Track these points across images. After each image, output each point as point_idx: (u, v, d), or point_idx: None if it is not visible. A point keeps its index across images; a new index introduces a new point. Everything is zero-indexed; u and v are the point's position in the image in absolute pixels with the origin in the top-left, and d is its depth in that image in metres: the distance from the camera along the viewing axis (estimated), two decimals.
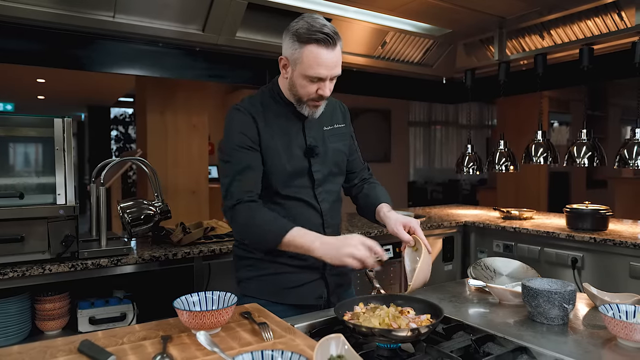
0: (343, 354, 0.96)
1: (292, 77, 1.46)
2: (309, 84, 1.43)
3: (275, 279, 1.53)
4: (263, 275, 1.54)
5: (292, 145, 1.51)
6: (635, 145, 2.64)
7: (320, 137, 1.57)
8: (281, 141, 1.50)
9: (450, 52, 3.62)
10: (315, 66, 1.39)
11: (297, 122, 1.54)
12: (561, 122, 8.12)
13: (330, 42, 1.39)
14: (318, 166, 1.54)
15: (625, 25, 2.66)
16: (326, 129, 1.59)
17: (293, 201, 1.51)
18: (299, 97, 1.47)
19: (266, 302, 1.47)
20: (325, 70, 1.40)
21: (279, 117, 1.52)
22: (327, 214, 1.57)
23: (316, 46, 1.38)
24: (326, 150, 1.57)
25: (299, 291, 1.54)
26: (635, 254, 2.40)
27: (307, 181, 1.53)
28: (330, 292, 1.59)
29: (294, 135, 1.52)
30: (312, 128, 1.56)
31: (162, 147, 4.94)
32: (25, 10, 2.24)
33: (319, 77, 1.41)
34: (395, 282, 2.88)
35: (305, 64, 1.40)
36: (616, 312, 1.24)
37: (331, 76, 1.44)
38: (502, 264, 1.85)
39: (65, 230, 1.88)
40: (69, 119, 1.89)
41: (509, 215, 3.31)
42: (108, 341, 1.12)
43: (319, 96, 1.45)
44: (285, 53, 1.46)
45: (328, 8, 2.79)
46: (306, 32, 1.40)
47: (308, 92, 1.44)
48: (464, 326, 1.32)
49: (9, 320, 1.84)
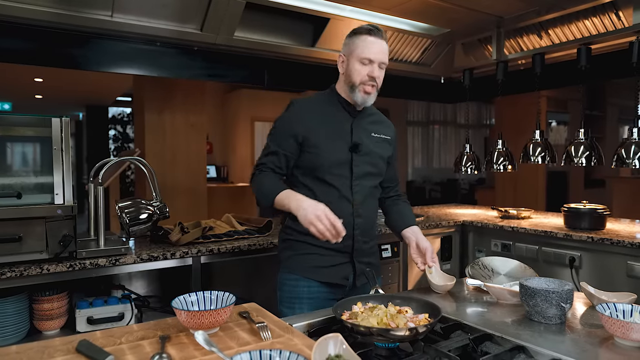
0: (341, 354, 0.96)
1: (348, 68, 1.70)
2: (361, 67, 1.66)
3: (310, 258, 1.72)
4: (299, 255, 1.74)
5: (339, 140, 1.72)
6: (632, 144, 2.64)
7: (366, 139, 1.77)
8: (330, 134, 1.71)
9: (448, 51, 3.62)
10: (366, 50, 1.65)
11: (347, 122, 1.75)
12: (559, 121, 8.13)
13: (377, 32, 1.67)
14: (358, 162, 1.73)
15: (623, 25, 2.66)
16: (373, 135, 1.80)
17: (331, 189, 1.70)
18: (353, 83, 1.69)
19: (300, 277, 1.72)
20: (374, 54, 1.65)
21: (331, 113, 1.75)
22: (358, 205, 1.73)
23: (366, 35, 1.66)
24: (369, 151, 1.76)
25: (329, 271, 1.72)
26: (633, 253, 2.41)
27: (347, 173, 1.72)
28: (356, 276, 1.75)
29: (343, 132, 1.73)
30: (360, 130, 1.76)
31: (160, 147, 4.94)
32: (23, 9, 2.24)
33: (369, 59, 1.65)
34: (393, 282, 2.89)
35: (359, 49, 1.66)
36: (613, 312, 1.25)
37: (380, 61, 1.67)
38: (500, 264, 1.85)
39: (63, 230, 1.88)
40: (67, 119, 1.89)
41: (507, 215, 3.32)
42: (106, 341, 1.12)
43: (370, 78, 1.67)
44: (343, 51, 1.73)
45: (325, 7, 2.79)
46: (358, 28, 1.69)
47: (361, 74, 1.66)
48: (461, 325, 1.33)
49: (6, 320, 1.84)
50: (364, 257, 1.77)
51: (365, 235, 1.77)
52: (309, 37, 3.08)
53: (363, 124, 1.78)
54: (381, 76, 1.70)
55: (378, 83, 1.70)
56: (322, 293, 1.72)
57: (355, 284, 1.76)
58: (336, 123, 1.74)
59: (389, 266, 2.87)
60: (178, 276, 2.25)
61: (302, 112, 1.73)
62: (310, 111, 1.74)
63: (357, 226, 1.72)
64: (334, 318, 1.29)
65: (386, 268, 2.85)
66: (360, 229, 1.74)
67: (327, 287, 1.73)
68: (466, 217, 3.40)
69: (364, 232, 1.76)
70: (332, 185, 1.70)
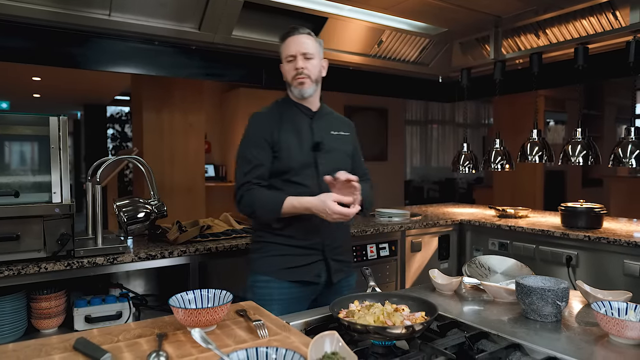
0: (337, 351, 0.96)
1: (283, 70, 1.81)
2: (288, 65, 1.77)
3: (281, 259, 1.75)
4: (270, 256, 1.76)
5: (302, 141, 1.77)
6: (629, 144, 2.65)
7: (327, 137, 1.82)
8: (294, 137, 1.77)
9: (446, 51, 3.63)
10: (286, 49, 1.77)
11: (306, 123, 1.81)
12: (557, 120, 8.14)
13: (295, 30, 1.77)
14: (323, 160, 1.78)
15: (620, 25, 2.67)
16: (333, 133, 1.85)
17: (300, 188, 1.73)
18: (288, 82, 1.79)
19: (271, 278, 1.73)
20: (294, 46, 1.75)
21: (291, 118, 1.81)
22: None
23: (287, 38, 1.78)
24: (331, 148, 1.81)
25: (301, 270, 1.74)
26: (629, 252, 2.42)
27: (314, 172, 1.76)
28: (331, 272, 1.78)
29: (305, 134, 1.79)
30: (320, 130, 1.82)
31: (159, 146, 4.93)
32: (20, 8, 2.24)
33: (291, 55, 1.75)
34: (391, 280, 2.89)
35: (283, 52, 1.79)
36: (608, 309, 1.26)
37: (300, 52, 1.74)
38: (496, 262, 1.86)
39: (61, 229, 1.88)
40: (65, 118, 1.89)
41: (504, 214, 3.33)
42: (103, 339, 1.12)
43: (295, 71, 1.75)
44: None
45: (323, 7, 2.80)
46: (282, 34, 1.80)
47: (289, 71, 1.77)
48: (458, 323, 1.33)
49: (4, 319, 1.84)
50: (336, 254, 1.80)
51: (336, 233, 1.80)
52: None
53: (321, 123, 1.84)
54: (309, 66, 1.76)
55: (308, 73, 1.75)
56: (295, 293, 1.74)
57: (332, 281, 1.78)
58: (297, 126, 1.79)
59: (387, 265, 2.87)
60: (176, 275, 2.25)
61: (265, 121, 1.78)
62: (272, 119, 1.79)
63: (326, 223, 1.70)
64: (331, 316, 1.29)
65: (384, 266, 2.86)
66: (331, 226, 1.73)
67: (299, 287, 1.74)
68: (464, 216, 3.40)
69: (335, 229, 1.78)
70: (302, 184, 1.74)
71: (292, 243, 1.74)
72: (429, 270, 1.76)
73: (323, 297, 1.79)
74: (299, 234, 1.73)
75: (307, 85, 1.76)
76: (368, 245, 2.79)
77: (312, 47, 1.77)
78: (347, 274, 1.87)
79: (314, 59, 1.77)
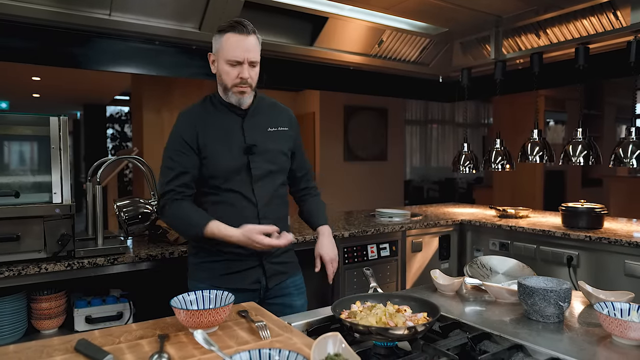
0: (340, 353, 0.96)
1: (218, 68, 1.63)
2: (230, 69, 1.59)
3: (218, 265, 1.66)
4: (207, 262, 1.68)
5: (232, 144, 1.64)
6: (630, 143, 2.65)
7: (261, 136, 1.68)
8: (221, 141, 1.63)
9: (446, 50, 3.63)
10: (232, 50, 1.57)
11: (237, 123, 1.67)
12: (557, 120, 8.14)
13: (244, 29, 1.59)
14: (257, 163, 1.66)
15: (621, 25, 2.67)
16: (270, 130, 1.71)
17: (231, 194, 1.64)
18: (225, 85, 1.62)
19: (209, 286, 1.60)
20: (241, 53, 1.57)
21: (219, 119, 1.66)
22: (263, 207, 1.67)
23: (232, 33, 1.58)
24: (266, 149, 1.68)
25: (238, 276, 1.66)
26: (630, 252, 2.41)
27: (247, 176, 1.65)
28: (267, 277, 1.69)
29: (235, 135, 1.65)
30: (253, 128, 1.68)
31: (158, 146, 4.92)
32: (21, 7, 2.23)
33: (237, 61, 1.58)
34: (392, 280, 2.89)
35: (225, 50, 1.59)
36: (611, 310, 1.25)
37: (248, 60, 1.59)
38: (498, 263, 1.86)
39: (62, 229, 1.87)
40: (65, 118, 1.88)
41: (505, 214, 3.32)
42: (105, 340, 1.12)
43: (240, 80, 1.59)
44: (213, 49, 1.65)
45: (324, 6, 2.79)
46: (224, 24, 1.61)
47: (231, 77, 1.60)
48: (460, 324, 1.33)
49: (4, 320, 1.83)
50: (275, 257, 1.71)
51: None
52: (307, 36, 3.08)
53: (254, 121, 1.69)
54: (254, 74, 1.62)
55: (251, 82, 1.62)
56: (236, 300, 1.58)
57: (268, 286, 1.69)
58: (226, 127, 1.65)
59: (388, 265, 2.87)
60: (176, 275, 2.25)
61: (189, 122, 1.64)
62: (199, 119, 1.64)
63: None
64: (333, 317, 1.29)
65: (384, 267, 2.85)
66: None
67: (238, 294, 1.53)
68: (464, 216, 3.40)
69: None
70: (233, 190, 1.63)
71: (230, 249, 1.62)
72: (430, 270, 1.75)
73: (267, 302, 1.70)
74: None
75: (248, 94, 1.64)
76: (369, 246, 2.78)
77: (258, 53, 1.62)
78: (291, 274, 1.78)
79: (257, 65, 1.63)
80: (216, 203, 1.64)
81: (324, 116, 6.18)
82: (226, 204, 1.64)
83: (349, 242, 2.70)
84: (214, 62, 1.65)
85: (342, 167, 6.37)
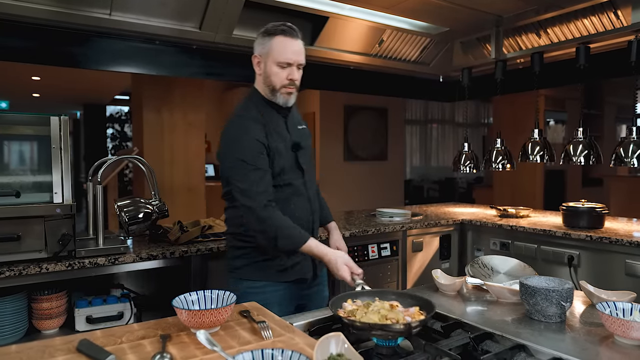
0: (343, 353, 0.96)
1: (266, 69, 1.69)
2: (280, 71, 1.66)
3: (273, 262, 1.71)
4: (260, 261, 1.72)
5: (285, 142, 1.72)
6: (631, 143, 2.65)
7: (299, 134, 1.79)
8: (278, 139, 1.70)
9: (447, 50, 3.62)
10: (283, 53, 1.65)
11: (282, 122, 1.75)
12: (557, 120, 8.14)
13: (294, 33, 1.67)
14: (302, 158, 1.76)
15: (622, 24, 2.66)
16: (299, 127, 1.82)
17: (288, 189, 1.70)
18: (273, 87, 1.69)
19: (265, 282, 1.70)
20: (293, 56, 1.65)
21: (272, 118, 1.72)
22: (313, 201, 1.80)
23: (282, 36, 1.65)
24: (305, 145, 1.80)
25: (291, 271, 1.73)
26: (632, 252, 2.41)
27: (298, 172, 1.75)
28: (317, 267, 1.81)
29: (284, 133, 1.73)
30: (293, 126, 1.78)
31: (159, 145, 4.92)
32: (21, 7, 2.23)
33: (288, 62, 1.65)
34: (392, 280, 2.89)
35: (276, 53, 1.65)
36: (613, 310, 1.25)
37: (297, 63, 1.67)
38: (499, 262, 1.85)
39: (63, 229, 1.87)
40: (66, 117, 1.88)
41: (505, 214, 3.32)
42: (107, 340, 1.12)
43: (290, 81, 1.67)
44: (257, 52, 1.72)
45: (325, 6, 2.79)
46: (272, 27, 1.67)
47: (280, 78, 1.66)
48: (462, 324, 1.33)
49: (5, 320, 1.83)
50: None
51: (317, 230, 1.85)
52: (307, 36, 3.08)
53: (292, 120, 1.79)
54: (299, 77, 1.71)
55: (298, 84, 1.71)
56: (290, 292, 1.75)
57: (316, 274, 1.81)
58: (276, 126, 1.72)
59: (388, 265, 2.87)
60: (177, 275, 2.25)
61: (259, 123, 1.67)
62: (260, 121, 1.69)
63: (314, 221, 1.80)
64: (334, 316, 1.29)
65: (385, 266, 2.85)
66: (316, 222, 1.82)
67: (293, 285, 1.75)
68: (465, 215, 3.40)
69: (318, 226, 1.86)
70: (290, 184, 1.71)
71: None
72: (432, 270, 1.75)
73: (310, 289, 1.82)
74: None
75: (294, 95, 1.72)
76: (369, 245, 2.78)
77: (304, 57, 1.70)
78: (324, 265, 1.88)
79: (302, 69, 1.72)
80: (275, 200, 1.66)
81: (324, 116, 6.18)
82: (283, 199, 1.69)
83: (349, 241, 2.69)
84: (259, 63, 1.71)
85: (342, 167, 6.37)
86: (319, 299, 1.85)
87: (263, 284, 1.70)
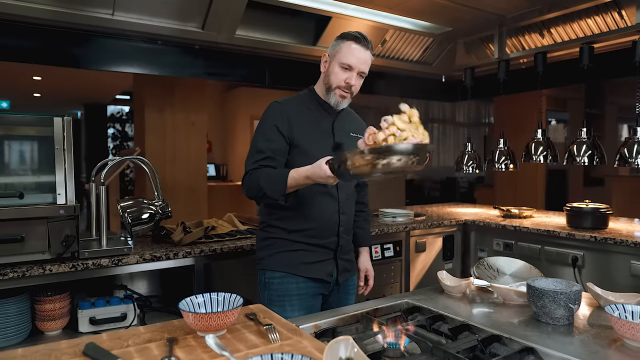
0: (352, 357, 0.95)
1: (329, 68, 1.75)
2: (340, 72, 1.71)
3: (295, 254, 1.75)
4: (283, 252, 1.76)
5: (322, 140, 1.75)
6: (635, 143, 2.64)
7: (346, 138, 1.80)
8: (314, 135, 1.74)
9: (450, 50, 3.62)
10: (349, 56, 1.69)
11: (328, 122, 1.79)
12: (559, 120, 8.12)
13: (364, 42, 1.71)
14: None
15: (626, 24, 2.66)
16: (352, 134, 1.82)
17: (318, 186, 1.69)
18: (330, 85, 1.74)
19: (285, 274, 1.73)
20: (356, 61, 1.69)
21: (313, 114, 1.78)
22: (343, 203, 1.80)
23: (353, 42, 1.70)
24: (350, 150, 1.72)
25: (315, 267, 1.76)
26: (636, 253, 2.40)
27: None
28: (339, 272, 1.81)
29: (326, 132, 1.78)
30: (340, 130, 1.81)
31: (160, 145, 4.91)
32: (23, 7, 2.22)
33: (350, 65, 1.69)
34: (396, 281, 2.88)
35: (341, 54, 1.70)
36: (622, 313, 1.24)
37: (359, 70, 1.71)
38: (505, 264, 1.84)
39: (66, 230, 1.86)
40: (69, 118, 1.87)
41: (508, 214, 3.31)
42: (113, 343, 1.11)
43: (346, 84, 1.71)
44: (329, 52, 1.77)
45: (327, 6, 2.78)
46: (347, 33, 1.73)
47: (338, 79, 1.71)
48: (469, 326, 1.32)
49: (8, 321, 1.82)
50: (345, 254, 1.85)
51: (347, 233, 1.85)
52: (310, 36, 3.07)
53: (341, 124, 1.82)
54: (358, 85, 1.75)
55: (353, 91, 1.75)
56: (310, 289, 1.76)
57: (338, 281, 1.82)
58: (318, 123, 1.77)
59: (392, 265, 2.86)
60: (180, 276, 2.24)
61: (283, 111, 1.73)
62: (292, 111, 1.74)
63: (342, 223, 1.79)
64: (340, 319, 1.28)
65: (389, 267, 2.84)
66: (344, 226, 1.81)
67: (314, 283, 1.76)
68: (468, 216, 3.39)
69: (347, 229, 1.84)
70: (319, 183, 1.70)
71: (308, 240, 1.74)
72: (437, 272, 1.74)
73: (332, 295, 1.84)
74: (317, 233, 1.75)
75: (347, 101, 1.78)
76: (372, 246, 2.77)
77: (368, 68, 1.74)
78: (353, 273, 1.93)
79: (362, 79, 1.76)
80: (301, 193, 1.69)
81: None
82: (309, 195, 1.71)
83: None
84: (326, 62, 1.77)
85: None
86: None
87: (282, 275, 1.73)
